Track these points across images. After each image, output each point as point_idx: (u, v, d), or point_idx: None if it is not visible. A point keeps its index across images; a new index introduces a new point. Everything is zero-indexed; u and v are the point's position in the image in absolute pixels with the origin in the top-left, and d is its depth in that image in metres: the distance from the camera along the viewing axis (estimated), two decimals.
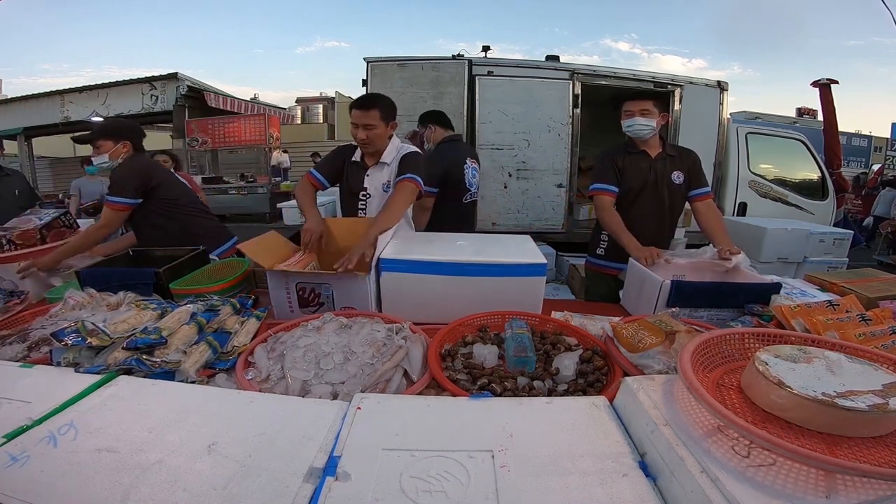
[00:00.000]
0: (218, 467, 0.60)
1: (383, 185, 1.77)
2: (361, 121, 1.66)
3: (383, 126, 1.69)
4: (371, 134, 1.67)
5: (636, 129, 1.77)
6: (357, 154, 1.81)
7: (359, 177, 1.80)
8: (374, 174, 1.78)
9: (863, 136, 14.78)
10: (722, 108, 4.02)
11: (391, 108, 1.74)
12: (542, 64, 3.87)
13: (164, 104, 7.97)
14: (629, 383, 0.76)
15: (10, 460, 0.61)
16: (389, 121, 1.72)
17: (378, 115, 1.66)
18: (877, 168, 10.74)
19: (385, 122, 1.69)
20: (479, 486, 0.57)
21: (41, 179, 10.48)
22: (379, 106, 1.68)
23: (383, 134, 1.71)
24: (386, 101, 1.73)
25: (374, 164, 1.78)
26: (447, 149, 2.27)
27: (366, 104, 1.69)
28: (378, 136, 1.69)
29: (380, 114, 1.67)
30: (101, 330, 0.93)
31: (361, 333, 1.01)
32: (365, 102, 1.69)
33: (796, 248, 3.26)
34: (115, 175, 1.83)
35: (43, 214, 1.64)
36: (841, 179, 4.40)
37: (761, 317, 1.19)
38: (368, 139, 1.68)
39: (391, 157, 1.76)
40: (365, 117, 1.66)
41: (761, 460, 0.56)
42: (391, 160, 1.76)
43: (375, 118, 1.66)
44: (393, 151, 1.77)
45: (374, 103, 1.69)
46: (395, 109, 1.76)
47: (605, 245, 1.95)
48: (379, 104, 1.69)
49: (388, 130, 1.73)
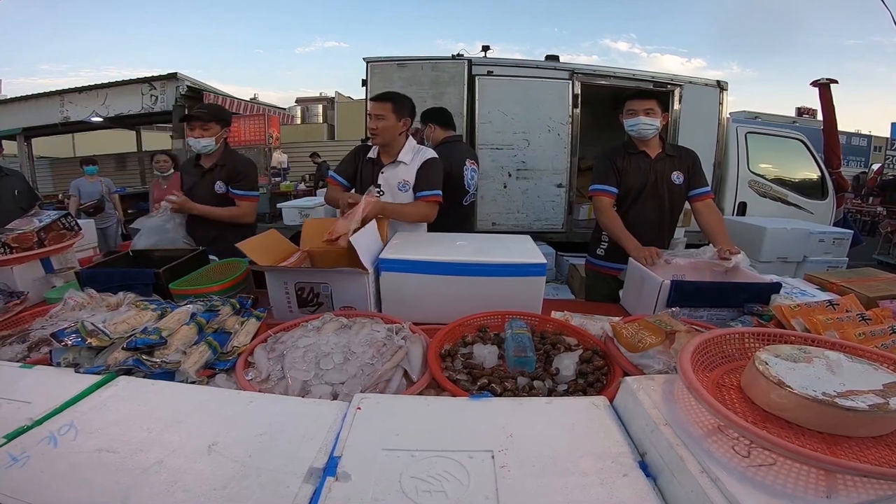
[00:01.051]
0: (218, 467, 0.60)
1: (399, 184, 1.80)
2: (374, 111, 1.74)
3: (394, 119, 1.74)
4: (381, 125, 1.73)
5: (640, 128, 1.77)
6: (373, 151, 1.85)
7: (373, 173, 1.83)
8: (389, 172, 1.81)
9: (862, 135, 14.78)
10: (722, 108, 4.02)
11: (406, 105, 1.79)
12: (541, 64, 3.87)
13: (163, 104, 7.95)
14: (629, 383, 0.76)
15: (10, 460, 0.61)
16: (402, 117, 1.76)
17: (390, 108, 1.73)
18: (876, 168, 10.74)
19: (396, 116, 1.74)
20: (479, 487, 0.57)
21: (41, 180, 10.46)
22: (392, 100, 1.75)
23: (392, 127, 1.75)
24: (402, 98, 1.79)
25: (390, 161, 1.81)
26: (447, 151, 2.27)
27: (380, 96, 1.78)
28: (387, 128, 1.74)
29: (392, 106, 1.73)
30: (101, 330, 0.93)
31: (361, 334, 1.01)
32: (380, 95, 1.79)
33: (796, 248, 3.26)
34: (243, 169, 2.01)
35: (43, 216, 1.63)
36: (841, 179, 4.39)
37: (761, 316, 1.19)
38: (378, 129, 1.74)
39: (408, 157, 1.80)
40: (377, 108, 1.74)
41: (761, 460, 0.56)
42: (409, 160, 1.80)
43: (387, 110, 1.73)
44: (410, 152, 1.81)
45: (388, 97, 1.76)
46: (410, 108, 1.81)
47: (605, 245, 1.95)
48: (393, 98, 1.76)
49: (399, 126, 1.77)
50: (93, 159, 4.96)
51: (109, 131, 10.06)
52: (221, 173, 1.97)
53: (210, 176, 1.96)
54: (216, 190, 1.96)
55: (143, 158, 10.38)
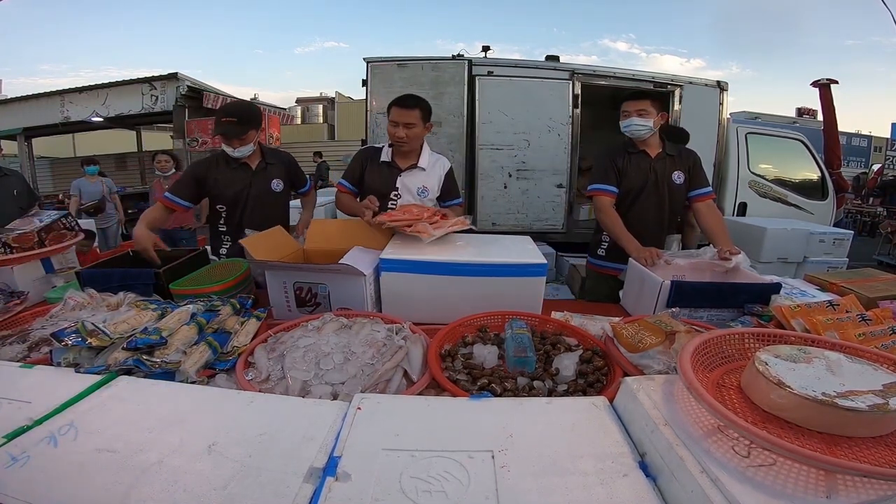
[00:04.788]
0: (218, 467, 0.60)
1: (419, 189, 1.80)
2: (403, 119, 1.70)
3: (422, 126, 1.74)
4: (410, 133, 1.72)
5: (633, 129, 1.78)
6: (386, 154, 1.82)
7: (390, 178, 1.81)
8: (408, 176, 1.81)
9: (863, 136, 14.78)
10: (722, 108, 4.02)
11: (430, 110, 1.79)
12: (541, 64, 3.87)
13: (164, 104, 7.95)
14: (629, 383, 0.76)
15: (10, 460, 0.61)
16: (426, 122, 1.77)
17: (418, 115, 1.72)
18: (877, 168, 10.73)
19: (423, 123, 1.75)
20: (480, 487, 0.57)
21: (41, 180, 10.46)
22: (420, 107, 1.74)
23: (421, 134, 1.77)
24: (426, 103, 1.78)
25: (408, 166, 1.81)
26: None
27: (408, 104, 1.73)
28: (416, 135, 1.74)
29: (420, 114, 1.72)
30: (102, 330, 0.93)
31: (361, 334, 1.01)
32: (407, 102, 1.74)
33: (796, 248, 3.26)
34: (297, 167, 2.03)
35: (44, 216, 1.63)
36: (841, 179, 4.39)
37: (761, 317, 1.19)
38: (407, 138, 1.72)
39: (426, 162, 1.81)
40: (406, 116, 1.70)
41: (761, 460, 0.56)
42: (427, 166, 1.81)
43: (416, 118, 1.71)
44: (427, 157, 1.82)
45: (416, 103, 1.74)
46: (431, 112, 1.80)
47: (605, 245, 1.95)
48: (420, 105, 1.74)
49: (425, 131, 1.78)
50: (93, 159, 4.96)
51: (109, 131, 10.06)
52: (275, 172, 1.90)
53: (263, 175, 1.88)
54: (273, 188, 1.89)
55: (143, 158, 10.38)
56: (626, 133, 1.81)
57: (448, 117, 3.62)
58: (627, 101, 1.79)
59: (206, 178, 1.82)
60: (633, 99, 1.78)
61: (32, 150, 9.70)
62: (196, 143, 8.19)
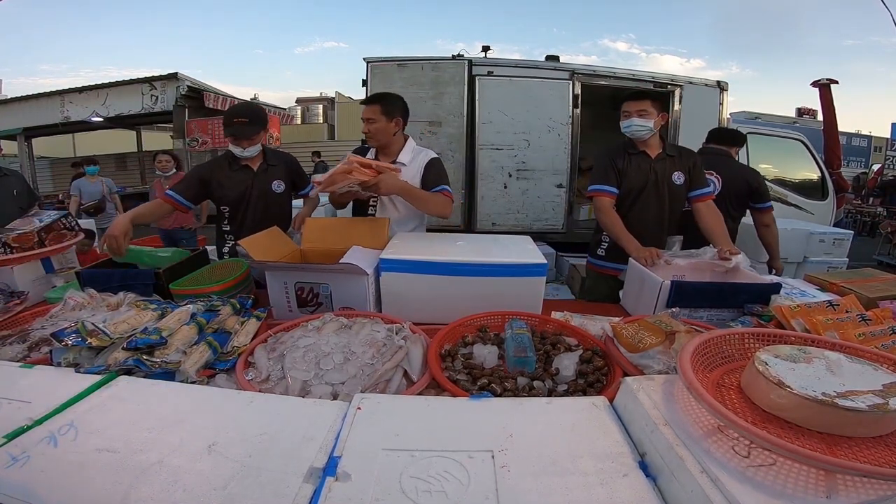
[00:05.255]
0: (218, 467, 0.60)
1: None
2: (365, 115, 1.75)
3: (384, 121, 1.74)
4: (373, 128, 1.74)
5: (633, 129, 1.78)
6: (370, 153, 1.84)
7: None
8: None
9: (863, 136, 14.78)
10: (722, 108, 4.02)
11: (396, 105, 1.78)
12: (541, 64, 3.87)
13: (164, 104, 7.96)
14: (629, 383, 0.76)
15: (10, 460, 0.61)
16: (392, 117, 1.75)
17: (379, 110, 1.73)
18: (877, 168, 10.73)
19: (386, 118, 1.74)
20: (479, 487, 0.57)
21: (41, 180, 10.47)
22: (381, 102, 1.75)
23: (384, 129, 1.75)
24: (390, 98, 1.78)
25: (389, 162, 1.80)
26: None
27: (368, 100, 1.81)
28: (378, 129, 1.74)
29: (380, 108, 1.73)
30: (102, 330, 0.93)
31: (361, 334, 1.01)
32: (368, 98, 1.81)
33: (796, 248, 3.25)
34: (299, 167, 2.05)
35: (44, 216, 1.63)
36: (841, 179, 4.40)
37: (761, 317, 1.19)
38: (370, 132, 1.75)
39: (408, 157, 1.80)
40: (367, 111, 1.75)
41: (761, 460, 0.56)
42: (408, 161, 1.80)
43: (376, 112, 1.73)
44: (409, 153, 1.82)
45: (375, 99, 1.77)
46: (400, 108, 1.79)
47: (605, 245, 1.95)
48: (381, 100, 1.76)
49: (391, 126, 1.76)
50: (93, 159, 4.96)
51: (109, 131, 10.07)
52: (276, 172, 1.92)
53: (264, 176, 1.89)
54: (274, 189, 1.91)
55: (143, 158, 10.38)
56: (626, 134, 1.81)
57: (448, 117, 3.62)
58: (628, 101, 1.79)
59: (211, 181, 1.84)
60: (634, 99, 1.78)
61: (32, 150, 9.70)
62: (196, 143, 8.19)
